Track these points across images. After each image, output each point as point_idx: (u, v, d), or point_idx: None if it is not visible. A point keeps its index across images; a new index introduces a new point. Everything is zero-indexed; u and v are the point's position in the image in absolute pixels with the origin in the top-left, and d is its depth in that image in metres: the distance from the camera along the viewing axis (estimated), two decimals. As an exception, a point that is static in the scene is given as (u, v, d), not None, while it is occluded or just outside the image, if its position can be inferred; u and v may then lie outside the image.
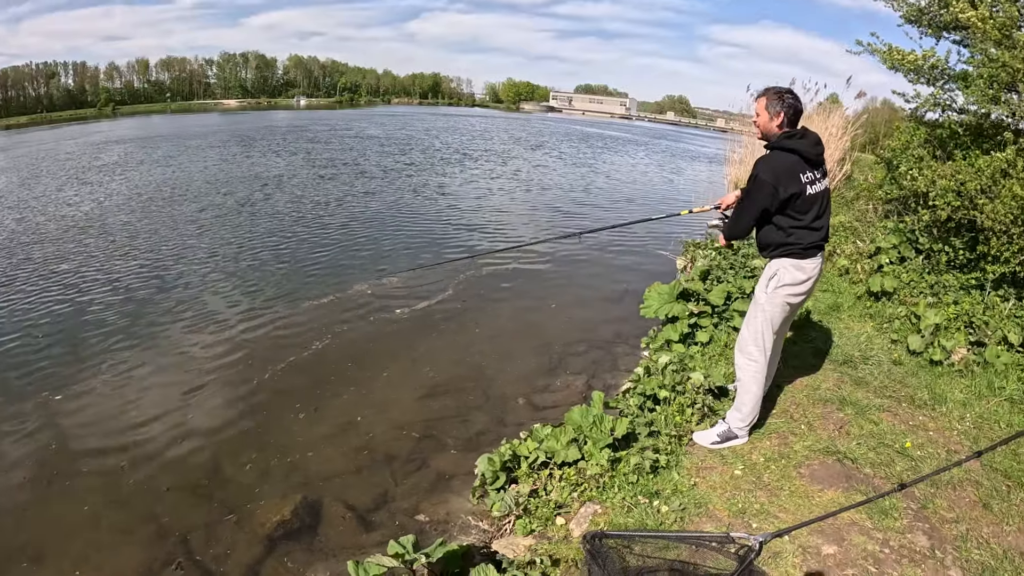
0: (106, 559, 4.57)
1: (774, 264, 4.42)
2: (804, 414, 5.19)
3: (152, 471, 5.58)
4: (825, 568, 3.49)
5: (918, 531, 3.79)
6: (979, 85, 7.52)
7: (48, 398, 6.82)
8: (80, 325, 8.70)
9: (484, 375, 7.37)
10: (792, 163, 4.13)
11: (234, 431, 6.23)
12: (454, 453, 5.85)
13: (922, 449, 4.68)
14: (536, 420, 5.88)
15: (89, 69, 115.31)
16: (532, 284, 10.86)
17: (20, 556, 4.59)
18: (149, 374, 7.39)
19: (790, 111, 4.26)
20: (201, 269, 11.16)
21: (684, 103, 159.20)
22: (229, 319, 8.90)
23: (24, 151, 35.71)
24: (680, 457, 4.62)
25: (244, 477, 5.51)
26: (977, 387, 5.63)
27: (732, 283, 7.38)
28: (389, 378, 7.25)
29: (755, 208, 4.22)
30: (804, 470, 4.42)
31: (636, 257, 13.03)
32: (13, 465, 5.69)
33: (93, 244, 12.86)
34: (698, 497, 4.16)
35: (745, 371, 4.60)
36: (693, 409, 5.17)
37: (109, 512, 5.06)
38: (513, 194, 20.38)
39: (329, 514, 5.05)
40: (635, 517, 3.98)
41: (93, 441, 6.08)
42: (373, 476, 5.55)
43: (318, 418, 6.45)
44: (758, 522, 3.87)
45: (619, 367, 7.51)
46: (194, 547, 4.67)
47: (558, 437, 4.77)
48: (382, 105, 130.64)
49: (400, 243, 13.27)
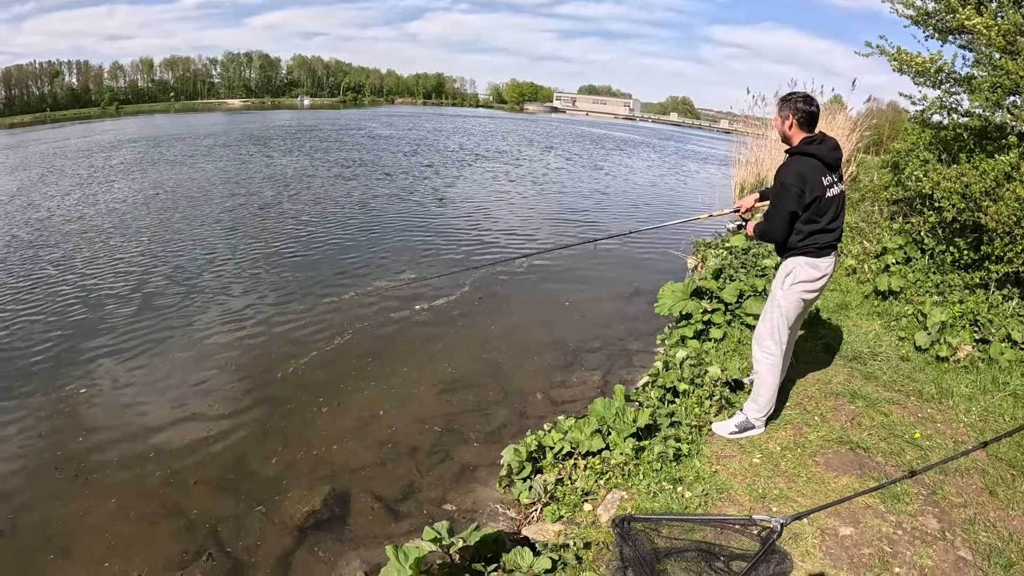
0: (136, 551, 4.59)
1: (790, 262, 4.64)
2: (817, 406, 5.41)
3: (178, 464, 5.64)
4: (843, 548, 3.70)
5: (929, 515, 4.00)
6: (983, 90, 7.70)
7: (74, 391, 6.87)
8: (105, 320, 8.79)
9: (501, 370, 7.51)
10: (813, 167, 4.35)
11: (258, 425, 6.31)
12: (477, 445, 5.97)
13: (930, 440, 4.89)
14: (555, 414, 6.02)
15: (93, 68, 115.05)
16: (545, 282, 11.02)
17: (47, 548, 4.62)
18: (173, 369, 7.45)
19: (799, 114, 4.47)
20: (225, 267, 11.30)
21: (687, 104, 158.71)
22: (252, 315, 9.04)
23: (37, 149, 35.52)
24: (701, 446, 4.84)
25: (270, 470, 5.57)
26: (982, 382, 5.83)
27: (744, 281, 7.57)
28: (409, 373, 7.37)
29: (785, 212, 4.42)
30: (819, 458, 4.64)
31: (646, 256, 13.19)
32: (39, 458, 5.74)
33: (117, 242, 12.95)
34: (720, 483, 4.37)
35: (762, 363, 4.82)
36: (711, 401, 5.40)
37: (136, 505, 5.09)
38: (530, 196, 20.42)
39: (357, 505, 5.13)
40: (660, 502, 4.18)
41: (118, 434, 6.13)
42: (398, 468, 5.63)
43: (341, 412, 6.54)
44: (778, 506, 4.07)
45: (634, 363, 7.67)
46: (224, 538, 4.72)
47: (582, 428, 4.96)
48: (386, 105, 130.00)
49: (419, 243, 13.40)
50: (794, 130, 4.52)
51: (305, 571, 4.47)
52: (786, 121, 4.52)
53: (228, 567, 4.46)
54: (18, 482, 5.40)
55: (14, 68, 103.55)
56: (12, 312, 9.14)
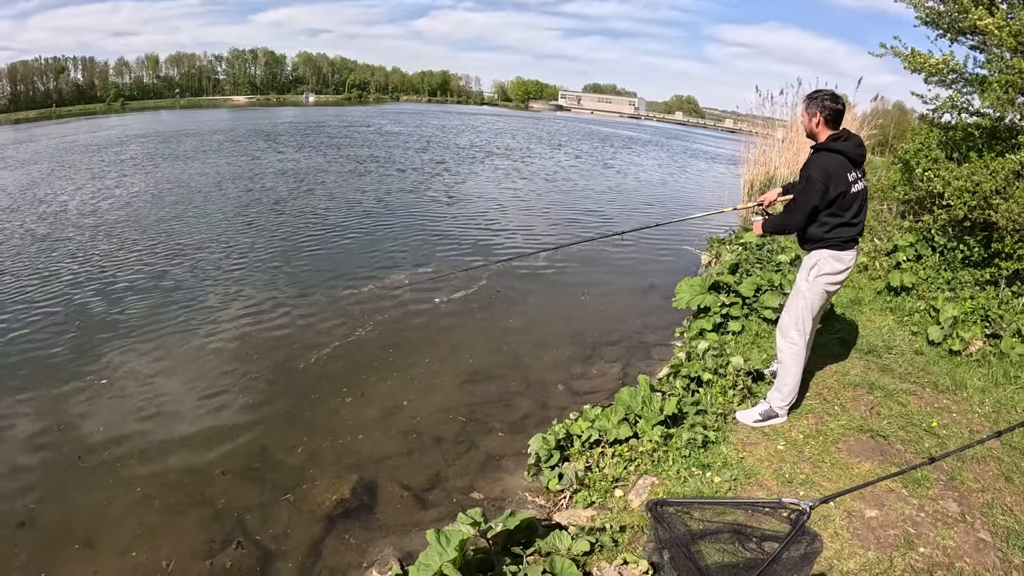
0: (162, 540, 4.59)
1: (815, 255, 4.80)
2: (836, 396, 5.57)
3: (202, 454, 5.68)
4: (869, 529, 3.86)
5: (949, 499, 4.16)
6: (995, 89, 7.83)
7: (94, 382, 6.91)
8: (126, 312, 8.87)
9: (521, 362, 7.61)
10: (839, 163, 4.51)
11: (282, 415, 6.34)
12: (501, 435, 6.04)
13: (947, 429, 5.05)
14: (576, 405, 6.13)
15: (98, 64, 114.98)
16: (561, 277, 11.14)
17: (70, 539, 4.62)
18: (194, 360, 7.51)
19: (826, 111, 4.64)
20: (244, 260, 11.43)
21: (692, 103, 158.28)
22: (273, 307, 9.14)
23: (47, 144, 35.50)
24: (727, 434, 5.01)
25: (295, 459, 5.61)
26: (994, 376, 5.99)
27: (761, 276, 7.72)
28: (430, 364, 7.45)
29: (808, 206, 4.59)
30: (841, 445, 4.80)
31: (660, 253, 13.30)
32: (61, 448, 5.76)
33: (135, 236, 13.02)
34: (747, 469, 4.53)
35: (787, 353, 4.98)
36: (735, 390, 5.56)
37: (161, 494, 5.10)
38: (543, 193, 20.51)
39: (385, 493, 5.18)
40: (691, 486, 4.34)
41: (141, 425, 6.16)
42: (424, 457, 5.69)
43: (364, 402, 6.59)
44: (804, 490, 4.24)
45: (652, 356, 7.80)
46: (252, 527, 4.75)
47: (609, 417, 5.10)
48: (391, 102, 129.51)
49: (435, 238, 13.55)
50: (821, 127, 4.67)
51: (336, 558, 4.50)
52: (814, 118, 4.68)
53: (258, 555, 4.50)
54: (40, 472, 5.44)
55: (19, 64, 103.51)
56: (32, 303, 9.23)
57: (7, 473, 5.41)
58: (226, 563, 4.41)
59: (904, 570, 3.54)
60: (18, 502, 5.03)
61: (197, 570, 4.36)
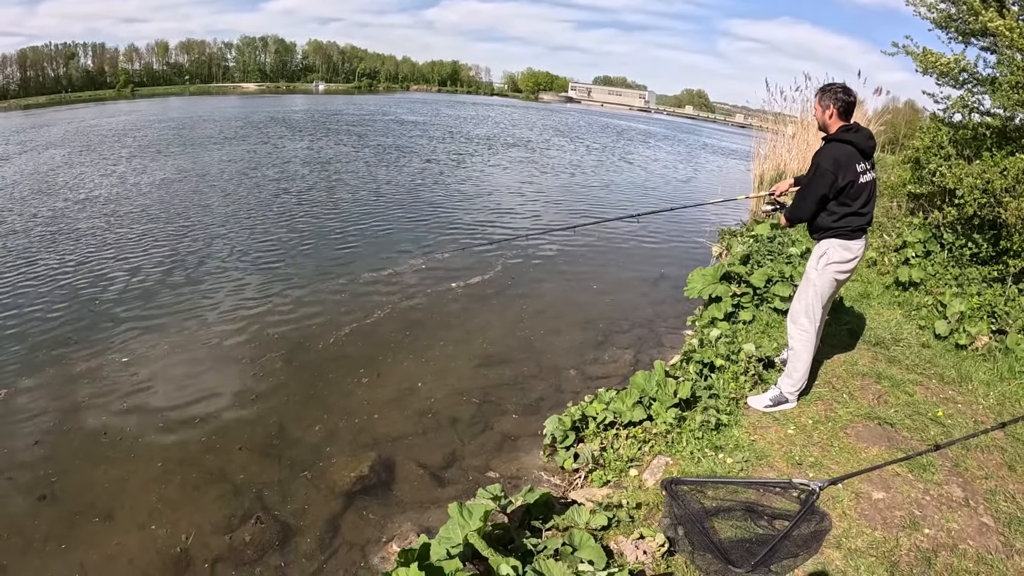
0: (181, 515, 4.69)
1: (824, 244, 4.94)
2: (845, 385, 5.70)
3: (221, 431, 5.79)
4: (876, 510, 4.00)
5: (953, 484, 4.30)
6: (1005, 90, 7.93)
7: (115, 359, 7.09)
8: (147, 292, 9.05)
9: (535, 347, 7.75)
10: (848, 153, 4.65)
11: (299, 394, 6.47)
12: (516, 417, 6.18)
13: (952, 419, 5.17)
14: (589, 389, 6.27)
15: (108, 51, 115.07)
16: (574, 266, 11.29)
17: (91, 512, 4.71)
18: (213, 339, 7.65)
19: (839, 104, 4.78)
20: (272, 243, 11.67)
21: (703, 97, 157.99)
22: (293, 289, 9.29)
23: (62, 130, 35.65)
24: (738, 417, 5.15)
25: (313, 437, 5.73)
26: (999, 370, 6.09)
27: (772, 267, 7.84)
28: (445, 347, 7.60)
29: (817, 194, 4.72)
30: (850, 431, 4.93)
31: (672, 244, 13.50)
32: (80, 424, 5.88)
33: (165, 221, 13.25)
34: (758, 451, 4.67)
35: (797, 340, 5.12)
36: (746, 376, 5.72)
37: (181, 470, 5.21)
38: (565, 186, 20.79)
39: (403, 471, 5.30)
40: (704, 467, 4.49)
41: (160, 402, 6.27)
42: (440, 437, 5.82)
43: (380, 383, 6.73)
44: (814, 472, 4.37)
45: (663, 343, 7.94)
46: (271, 503, 4.84)
47: (624, 399, 5.25)
48: (400, 92, 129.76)
49: (460, 222, 13.99)
50: (833, 119, 4.81)
51: (355, 533, 4.61)
52: (827, 110, 4.81)
53: (277, 530, 4.59)
54: (62, 446, 5.55)
55: (29, 50, 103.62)
56: (53, 282, 9.40)
57: (29, 447, 5.54)
58: (245, 537, 4.51)
59: (909, 549, 3.68)
60: (40, 476, 5.14)
61: (217, 544, 4.45)
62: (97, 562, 4.31)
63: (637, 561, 3.60)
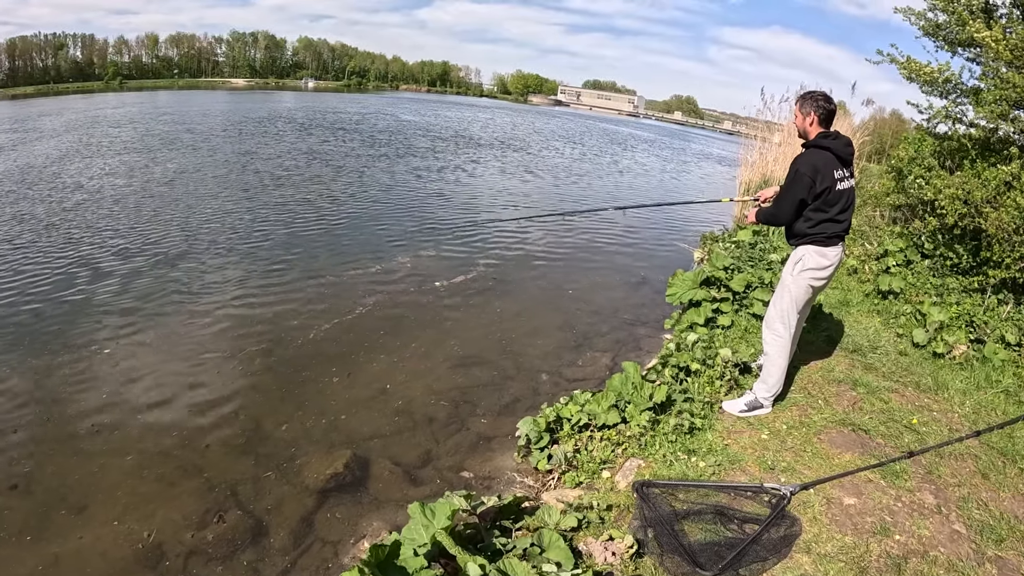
0: (154, 509, 4.65)
1: (800, 250, 4.94)
2: (820, 391, 5.70)
3: (195, 426, 5.76)
4: (847, 516, 3.99)
5: (926, 491, 4.29)
6: (989, 102, 7.97)
7: (96, 351, 6.99)
8: (126, 285, 8.95)
9: (512, 349, 7.70)
10: (827, 160, 4.66)
11: (276, 390, 6.42)
12: (491, 417, 6.14)
13: (927, 426, 5.18)
14: (565, 391, 6.13)
15: (97, 42, 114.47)
16: (555, 269, 11.24)
17: (62, 505, 4.67)
18: (192, 333, 7.59)
19: (820, 111, 4.80)
20: (258, 239, 11.62)
21: (692, 103, 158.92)
22: (274, 285, 9.26)
23: (64, 120, 35.52)
24: (712, 422, 5.13)
25: (286, 434, 5.69)
26: (976, 379, 6.11)
27: (752, 274, 7.85)
28: (422, 347, 7.53)
29: (795, 197, 4.72)
30: (823, 436, 4.93)
31: (654, 248, 13.54)
32: (55, 416, 5.83)
33: (149, 214, 13.18)
34: (731, 455, 4.65)
35: (772, 345, 5.11)
36: (722, 381, 5.70)
37: (154, 464, 5.16)
38: (560, 186, 20.94)
39: (376, 469, 5.26)
40: (676, 470, 4.46)
41: (135, 396, 6.21)
42: (414, 437, 5.77)
43: (357, 381, 6.67)
44: (786, 477, 4.36)
45: (641, 347, 7.92)
46: (244, 499, 4.82)
47: (599, 402, 5.21)
48: (390, 91, 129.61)
49: (444, 221, 14.01)
50: (813, 126, 4.81)
51: (328, 531, 4.58)
52: (807, 117, 4.81)
53: (250, 525, 4.56)
54: (36, 437, 5.50)
55: (18, 39, 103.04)
56: (35, 274, 9.30)
57: (1, 437, 5.46)
58: (218, 532, 4.48)
59: (880, 555, 3.66)
60: (13, 466, 5.07)
61: (190, 539, 4.42)
62: (70, 554, 4.26)
63: (606, 562, 3.56)
